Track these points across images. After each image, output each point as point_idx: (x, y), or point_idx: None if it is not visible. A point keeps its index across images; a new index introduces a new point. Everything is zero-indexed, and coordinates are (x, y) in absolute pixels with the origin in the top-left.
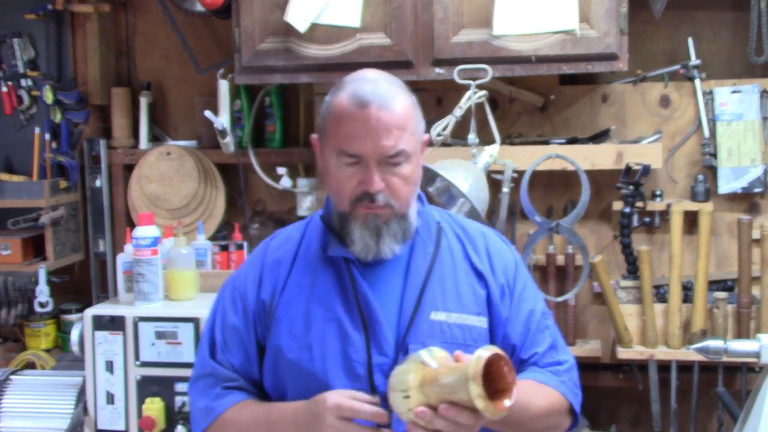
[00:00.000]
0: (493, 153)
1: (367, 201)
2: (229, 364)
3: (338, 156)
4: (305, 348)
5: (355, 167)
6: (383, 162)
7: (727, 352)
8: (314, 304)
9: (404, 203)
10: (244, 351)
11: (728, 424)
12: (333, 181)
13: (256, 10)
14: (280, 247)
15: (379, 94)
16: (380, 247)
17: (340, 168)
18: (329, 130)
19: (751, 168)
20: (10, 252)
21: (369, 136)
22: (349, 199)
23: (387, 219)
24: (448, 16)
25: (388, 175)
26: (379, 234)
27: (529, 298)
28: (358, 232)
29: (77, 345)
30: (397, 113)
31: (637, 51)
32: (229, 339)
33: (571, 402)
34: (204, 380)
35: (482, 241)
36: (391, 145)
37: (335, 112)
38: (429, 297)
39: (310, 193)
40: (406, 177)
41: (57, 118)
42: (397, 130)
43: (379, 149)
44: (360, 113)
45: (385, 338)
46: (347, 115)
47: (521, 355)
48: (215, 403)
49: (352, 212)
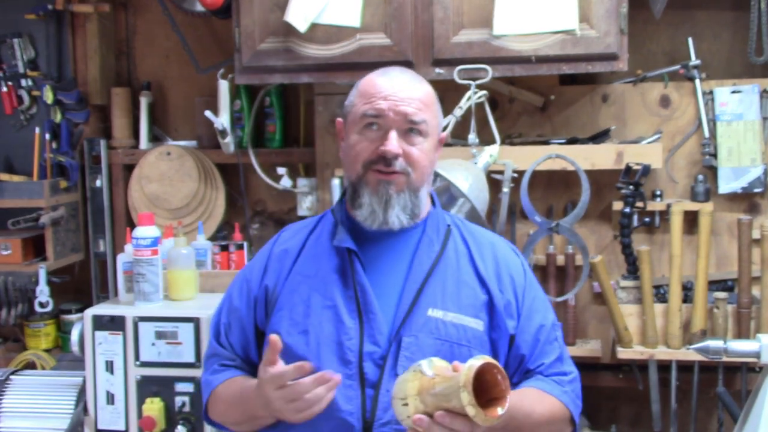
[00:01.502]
0: (493, 153)
1: (383, 164)
2: (230, 346)
3: (361, 121)
4: (302, 333)
5: (375, 133)
6: (404, 131)
7: (727, 352)
8: (315, 292)
9: (419, 175)
10: (243, 333)
11: (728, 424)
12: (351, 148)
13: (256, 10)
14: (290, 238)
15: (407, 74)
16: (387, 215)
17: (361, 134)
18: (355, 101)
19: (751, 168)
20: (10, 252)
21: (393, 99)
22: (363, 162)
23: (399, 189)
24: (448, 16)
25: (407, 146)
26: (388, 203)
27: (540, 310)
28: (368, 197)
29: (77, 345)
30: (422, 90)
31: (637, 51)
32: (231, 323)
33: (572, 412)
34: (209, 360)
35: (490, 249)
36: (413, 111)
37: (363, 86)
38: (428, 294)
39: (310, 193)
40: (425, 151)
41: (57, 118)
42: (421, 103)
43: (402, 112)
44: (387, 80)
45: (379, 328)
46: (375, 83)
47: (528, 365)
48: (212, 377)
49: (365, 176)
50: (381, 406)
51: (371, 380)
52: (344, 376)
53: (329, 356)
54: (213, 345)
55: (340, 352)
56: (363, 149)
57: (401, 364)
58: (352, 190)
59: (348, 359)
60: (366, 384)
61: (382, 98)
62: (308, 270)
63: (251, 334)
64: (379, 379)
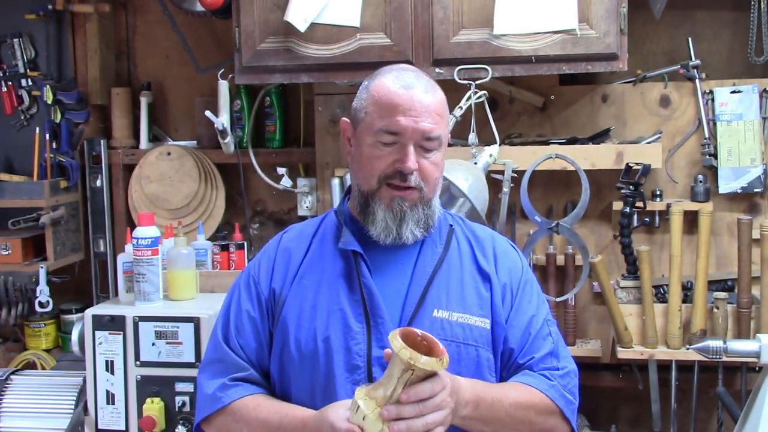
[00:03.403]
0: (493, 153)
1: (399, 180)
2: (241, 351)
3: (377, 134)
4: (310, 338)
5: (391, 147)
6: (419, 145)
7: (727, 352)
8: (322, 296)
9: (432, 189)
10: (257, 338)
11: (728, 424)
12: (365, 160)
13: (256, 10)
14: (294, 239)
15: (421, 81)
16: (401, 230)
17: (376, 147)
18: (369, 110)
19: (751, 168)
20: (10, 252)
21: (412, 115)
22: (378, 177)
23: (413, 203)
24: (448, 16)
25: (421, 159)
26: (403, 218)
27: (533, 304)
28: (382, 213)
29: (77, 345)
30: (437, 100)
31: (637, 51)
32: (243, 325)
33: (558, 405)
34: (215, 365)
35: (490, 243)
36: (431, 127)
37: (378, 93)
38: (433, 295)
39: (310, 193)
40: (437, 163)
41: (57, 118)
42: (437, 115)
43: (420, 130)
44: (405, 93)
45: (387, 332)
46: (392, 95)
47: (518, 360)
48: (222, 393)
49: (379, 191)
50: None
51: None
52: (351, 383)
53: (338, 362)
54: (220, 348)
55: (348, 357)
56: (378, 163)
57: None
58: (364, 201)
59: (356, 364)
60: None
61: (401, 114)
62: (313, 273)
63: (266, 340)
64: None
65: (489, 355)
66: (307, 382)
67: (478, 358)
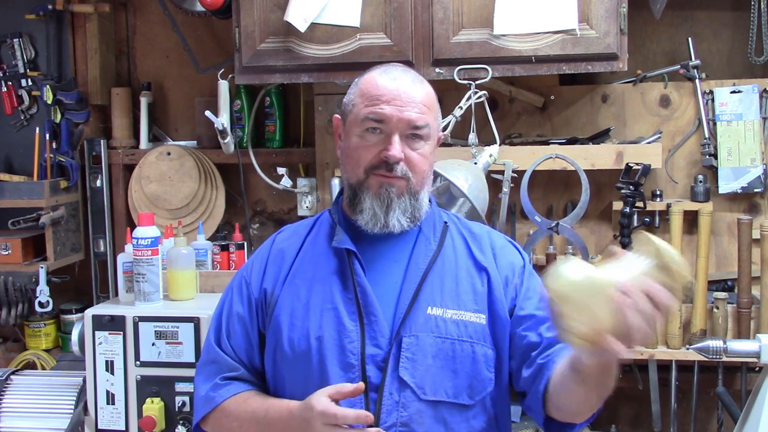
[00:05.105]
0: (493, 153)
1: (384, 169)
2: (232, 352)
3: (363, 123)
4: (303, 337)
5: (377, 137)
6: (406, 135)
7: (727, 352)
8: (315, 294)
9: (420, 181)
10: (247, 339)
11: (728, 424)
12: (352, 151)
13: (256, 10)
14: (287, 239)
15: (408, 74)
16: (389, 218)
17: (363, 138)
18: (356, 101)
19: (751, 168)
20: (10, 252)
21: (397, 104)
22: (364, 167)
23: (400, 192)
24: (448, 16)
25: (409, 150)
26: (390, 206)
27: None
28: (369, 201)
29: (77, 345)
30: (424, 92)
31: (637, 51)
32: (233, 327)
33: None
34: (208, 367)
35: (487, 238)
36: (416, 117)
37: (365, 85)
38: (426, 292)
39: (310, 193)
40: (425, 156)
41: (57, 118)
42: (423, 106)
43: (405, 119)
44: (391, 83)
45: (381, 330)
46: (378, 86)
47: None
48: (215, 393)
49: (366, 181)
50: (384, 409)
51: (374, 383)
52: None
53: (331, 360)
54: (213, 350)
55: (342, 356)
56: (365, 153)
57: (403, 365)
58: (352, 193)
59: (350, 363)
60: (369, 388)
61: (385, 102)
62: (306, 271)
63: (255, 340)
64: (382, 382)
65: (486, 350)
66: (301, 381)
67: (473, 354)
